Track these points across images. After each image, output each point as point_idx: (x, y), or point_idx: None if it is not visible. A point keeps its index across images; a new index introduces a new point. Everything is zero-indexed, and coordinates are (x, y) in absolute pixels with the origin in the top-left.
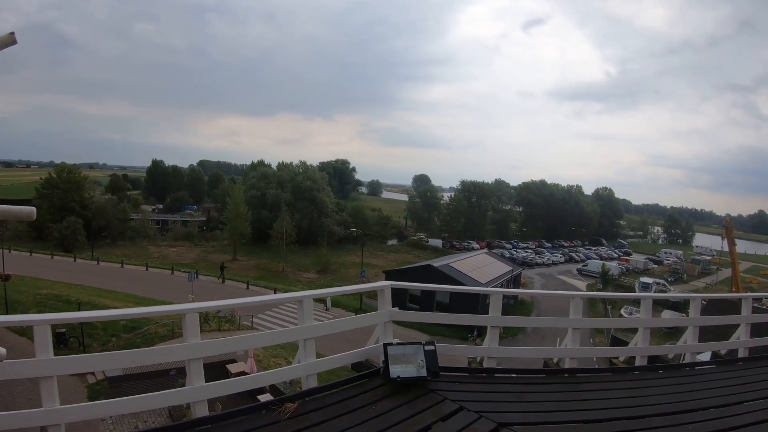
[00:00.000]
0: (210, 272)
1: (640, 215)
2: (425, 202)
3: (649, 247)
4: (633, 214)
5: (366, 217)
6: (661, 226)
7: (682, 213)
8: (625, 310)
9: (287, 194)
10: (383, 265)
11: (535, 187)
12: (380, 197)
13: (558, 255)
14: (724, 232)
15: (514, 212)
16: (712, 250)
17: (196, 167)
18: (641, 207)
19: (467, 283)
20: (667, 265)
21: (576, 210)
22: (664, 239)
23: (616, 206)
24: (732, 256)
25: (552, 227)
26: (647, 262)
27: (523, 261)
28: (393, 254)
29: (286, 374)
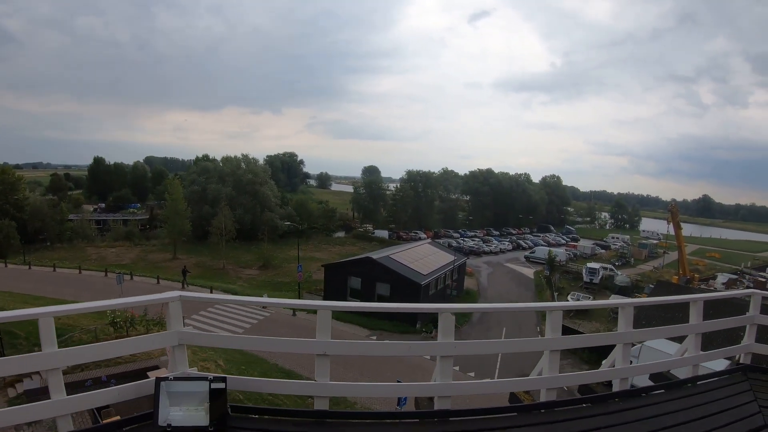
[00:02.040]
0: (147, 273)
1: (588, 202)
2: (371, 192)
3: (596, 232)
4: (581, 201)
5: (311, 209)
6: (608, 212)
7: (629, 199)
8: (572, 296)
9: (229, 189)
10: (327, 258)
11: (482, 176)
12: (329, 189)
13: (506, 243)
14: (669, 216)
15: (461, 201)
16: (659, 234)
17: (140, 164)
18: (588, 194)
19: (407, 274)
20: (614, 249)
21: (524, 198)
22: (612, 224)
23: (563, 193)
24: (678, 240)
25: (500, 215)
26: (595, 247)
27: (470, 250)
28: (338, 247)
29: None
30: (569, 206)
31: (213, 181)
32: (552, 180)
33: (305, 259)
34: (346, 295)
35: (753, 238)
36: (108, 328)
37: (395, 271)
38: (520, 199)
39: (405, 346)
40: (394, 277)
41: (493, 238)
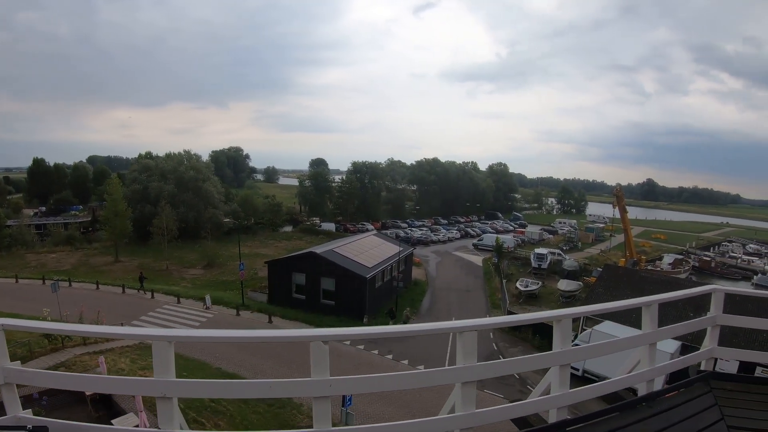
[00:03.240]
0: (87, 278)
1: (535, 188)
2: (317, 185)
3: (544, 218)
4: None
5: (256, 205)
6: (555, 198)
7: (575, 184)
8: (521, 282)
9: (171, 186)
10: (273, 254)
11: (428, 165)
12: (276, 183)
13: (454, 231)
14: (615, 200)
15: (408, 191)
16: (605, 217)
17: (82, 164)
18: (536, 180)
19: (352, 268)
20: (561, 234)
21: (471, 186)
22: (559, 210)
23: (510, 180)
24: (624, 223)
25: (447, 204)
26: (542, 232)
27: (418, 239)
28: (285, 242)
29: None
30: (516, 193)
31: (155, 179)
32: (499, 168)
33: (251, 256)
34: (291, 292)
35: (696, 219)
36: (43, 341)
37: (339, 265)
38: (468, 187)
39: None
40: (339, 271)
41: (441, 227)
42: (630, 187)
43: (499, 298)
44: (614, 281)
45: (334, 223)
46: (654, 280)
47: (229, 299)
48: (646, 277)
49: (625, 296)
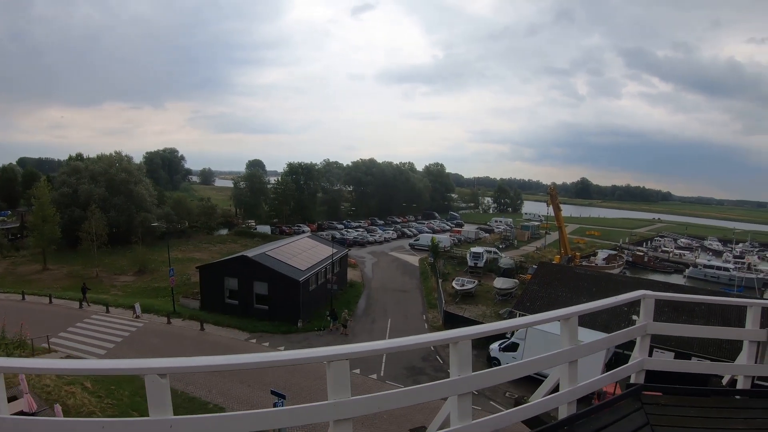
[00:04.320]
0: (13, 288)
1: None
2: (252, 187)
3: (480, 217)
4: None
5: (190, 207)
6: (491, 197)
7: (511, 183)
8: (457, 281)
9: (101, 189)
10: (208, 258)
11: (364, 165)
12: (212, 185)
13: (390, 231)
14: (549, 198)
15: (345, 192)
16: (540, 215)
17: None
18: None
19: (285, 271)
20: (498, 233)
21: (407, 186)
22: (495, 209)
23: (447, 180)
24: (558, 221)
25: (384, 204)
26: (479, 231)
27: (354, 240)
28: (219, 245)
29: None
30: (453, 193)
31: (85, 182)
32: (435, 168)
33: (184, 261)
34: (224, 297)
35: (629, 216)
36: None
37: (272, 269)
38: (404, 187)
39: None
40: (272, 274)
41: (378, 228)
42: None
43: (436, 297)
44: (549, 278)
45: (269, 226)
46: (588, 276)
47: (160, 307)
48: (580, 273)
49: (560, 293)
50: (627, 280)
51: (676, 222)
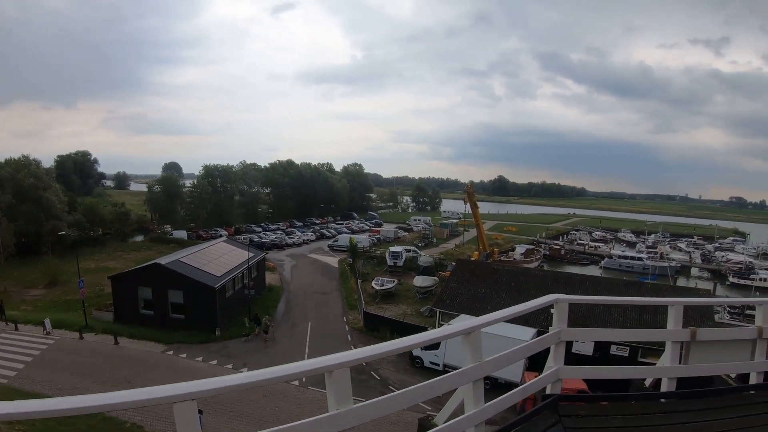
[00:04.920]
0: None
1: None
2: (167, 191)
3: (400, 216)
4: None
5: (102, 214)
6: (409, 196)
7: (429, 182)
8: (377, 281)
9: (8, 196)
10: (122, 267)
11: (282, 167)
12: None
13: (309, 233)
14: (466, 196)
15: (262, 194)
16: (459, 213)
17: None
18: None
19: (200, 278)
20: (417, 231)
21: (325, 187)
22: (414, 208)
23: (365, 180)
24: (476, 218)
25: (303, 206)
26: (398, 230)
27: (273, 243)
28: (135, 253)
29: None
30: (372, 193)
31: None
32: (354, 168)
33: (98, 271)
34: (138, 308)
35: (546, 212)
36: None
37: (187, 276)
38: (322, 188)
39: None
40: (187, 282)
41: (296, 230)
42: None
43: (356, 298)
44: (467, 275)
45: (186, 231)
46: (506, 271)
47: (72, 321)
48: (498, 269)
49: (479, 289)
50: (545, 274)
51: (590, 216)
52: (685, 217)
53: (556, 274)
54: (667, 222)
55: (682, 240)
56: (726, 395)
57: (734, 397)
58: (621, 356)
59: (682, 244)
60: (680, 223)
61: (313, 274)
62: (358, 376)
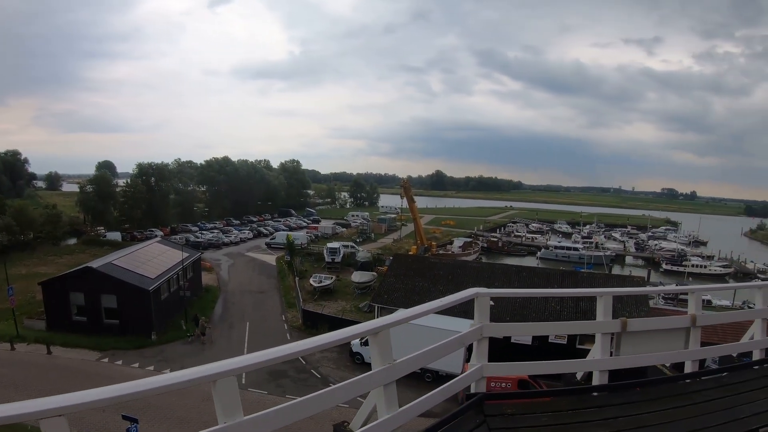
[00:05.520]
0: None
1: (328, 184)
2: (99, 191)
3: (338, 212)
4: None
5: (32, 216)
6: (347, 192)
7: (368, 178)
8: (314, 278)
9: None
10: (54, 272)
11: (217, 164)
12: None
13: (246, 231)
14: (402, 191)
15: (198, 193)
16: (397, 208)
17: None
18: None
19: (133, 281)
20: (355, 227)
21: (262, 184)
22: (352, 203)
23: (303, 177)
24: (413, 212)
25: (239, 204)
26: (335, 227)
27: (209, 243)
28: (67, 257)
29: None
30: (310, 189)
31: None
32: (291, 165)
33: (29, 277)
34: (71, 315)
35: (483, 205)
36: None
37: (120, 279)
38: (259, 185)
39: None
40: (120, 286)
41: (233, 228)
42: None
43: (294, 296)
44: (404, 269)
45: (120, 232)
46: (443, 264)
47: (1, 331)
48: (435, 262)
49: (416, 283)
50: (482, 266)
51: (527, 208)
52: (618, 208)
53: (493, 266)
54: (601, 213)
55: (616, 230)
56: (660, 385)
57: (669, 387)
58: (559, 344)
59: (617, 233)
60: (614, 214)
61: (250, 272)
62: (298, 375)
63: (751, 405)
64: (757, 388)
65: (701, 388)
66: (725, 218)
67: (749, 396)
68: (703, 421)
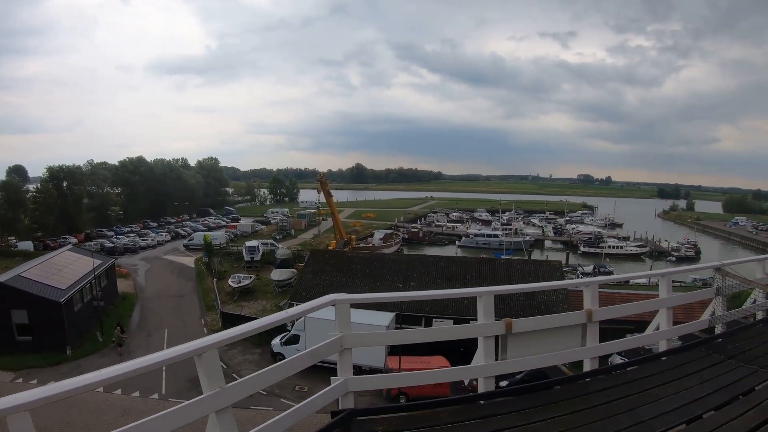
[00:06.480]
0: None
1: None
2: (8, 198)
3: (257, 209)
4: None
5: None
6: (266, 188)
7: (288, 173)
8: (233, 279)
9: None
10: None
11: (132, 164)
12: None
13: (164, 233)
14: (319, 186)
15: (113, 195)
16: (317, 203)
17: None
18: (248, 173)
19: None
20: (274, 224)
21: (179, 184)
22: (272, 200)
23: (221, 175)
24: (330, 206)
25: (156, 205)
26: (255, 224)
27: (126, 247)
28: None
29: None
30: (229, 187)
31: None
32: (209, 162)
33: None
34: None
35: (403, 196)
36: None
37: (29, 293)
38: (176, 185)
39: None
40: (30, 299)
41: (151, 231)
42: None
43: (213, 298)
44: (322, 265)
45: (32, 241)
46: (360, 258)
47: None
48: (352, 256)
49: (334, 278)
50: (399, 258)
51: (447, 198)
52: (537, 194)
53: (410, 257)
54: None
55: (535, 216)
56: (557, 387)
57: (566, 389)
58: None
59: (535, 219)
60: (533, 201)
61: (168, 276)
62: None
63: (656, 404)
64: (663, 383)
65: (602, 388)
66: (639, 201)
67: (655, 393)
68: (602, 426)
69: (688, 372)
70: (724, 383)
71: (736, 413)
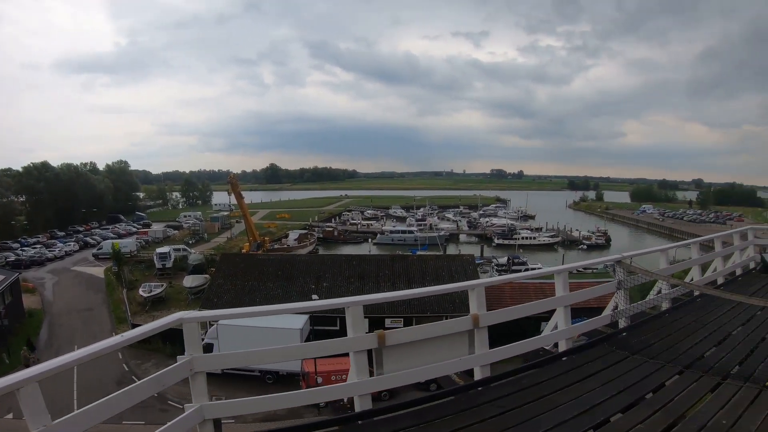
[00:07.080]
0: None
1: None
2: None
3: (170, 213)
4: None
5: None
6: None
7: (201, 176)
8: (144, 288)
9: None
10: None
11: (36, 170)
12: None
13: (72, 243)
14: (230, 188)
15: (17, 203)
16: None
17: None
18: (161, 176)
19: None
20: (187, 228)
21: (87, 190)
22: (185, 203)
23: (131, 179)
24: (242, 209)
25: (64, 213)
26: (167, 230)
27: (31, 260)
28: None
29: None
30: (140, 191)
31: None
32: (118, 166)
33: None
34: None
35: (318, 196)
36: None
37: None
38: (84, 191)
39: None
40: None
41: (58, 241)
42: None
43: (123, 310)
44: (233, 269)
45: None
46: (272, 260)
47: None
48: (263, 259)
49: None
50: (312, 259)
51: (362, 196)
52: (451, 190)
53: (323, 257)
54: (434, 196)
55: (449, 211)
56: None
57: (455, 401)
58: None
59: (450, 214)
60: (447, 196)
61: (77, 289)
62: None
63: (555, 411)
64: (563, 386)
65: (496, 396)
66: (551, 193)
67: (554, 399)
68: None
69: (591, 372)
70: (630, 382)
71: (644, 415)
